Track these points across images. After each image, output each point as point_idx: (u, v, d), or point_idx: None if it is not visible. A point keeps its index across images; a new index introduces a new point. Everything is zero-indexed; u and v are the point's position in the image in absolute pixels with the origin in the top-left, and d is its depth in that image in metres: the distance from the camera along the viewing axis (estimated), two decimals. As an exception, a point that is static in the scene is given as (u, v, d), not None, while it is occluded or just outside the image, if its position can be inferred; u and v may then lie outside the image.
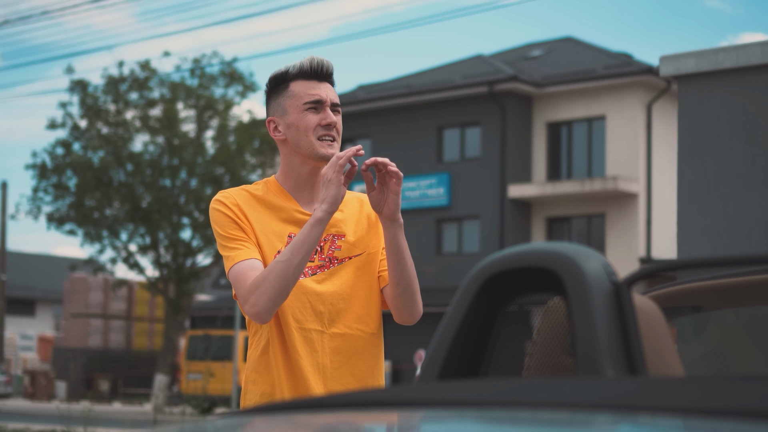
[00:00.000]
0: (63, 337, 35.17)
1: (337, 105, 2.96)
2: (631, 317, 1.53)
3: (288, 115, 2.94)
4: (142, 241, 28.48)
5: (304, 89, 2.94)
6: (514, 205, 29.91)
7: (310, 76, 2.95)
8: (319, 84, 2.95)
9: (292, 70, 2.96)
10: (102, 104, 28.04)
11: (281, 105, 2.96)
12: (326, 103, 2.93)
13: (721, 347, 3.40)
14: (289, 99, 2.94)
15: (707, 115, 5.76)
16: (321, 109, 2.93)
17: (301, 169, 2.95)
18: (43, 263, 55.97)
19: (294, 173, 2.97)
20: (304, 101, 2.92)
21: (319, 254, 2.92)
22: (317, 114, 2.92)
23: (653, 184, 28.91)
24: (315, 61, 2.96)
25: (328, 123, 2.91)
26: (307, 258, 2.79)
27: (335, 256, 2.94)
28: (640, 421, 1.22)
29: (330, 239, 2.95)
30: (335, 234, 2.96)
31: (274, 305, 2.76)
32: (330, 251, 2.94)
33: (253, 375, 2.90)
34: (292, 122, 2.93)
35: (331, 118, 2.92)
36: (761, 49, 5.67)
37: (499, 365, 1.71)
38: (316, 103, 2.92)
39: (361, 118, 32.50)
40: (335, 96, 2.97)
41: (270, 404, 1.55)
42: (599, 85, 29.31)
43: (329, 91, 2.96)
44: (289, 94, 2.95)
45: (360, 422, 1.40)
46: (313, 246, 2.79)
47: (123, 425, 17.80)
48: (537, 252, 1.62)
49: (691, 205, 5.71)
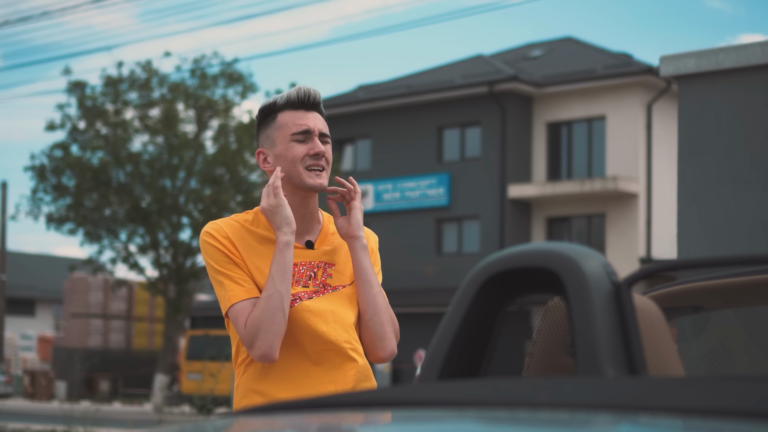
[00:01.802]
0: (63, 337, 35.17)
1: (326, 135, 2.95)
2: (631, 317, 1.53)
3: (276, 146, 2.93)
4: (141, 242, 28.49)
5: (291, 119, 2.93)
6: (514, 205, 29.91)
7: (297, 106, 2.94)
8: (306, 114, 2.94)
9: (279, 101, 2.95)
10: (100, 105, 28.05)
11: (270, 136, 2.96)
12: (314, 132, 2.92)
13: (721, 347, 3.40)
14: (277, 130, 2.94)
15: (707, 115, 5.77)
16: (309, 139, 2.92)
17: (291, 199, 2.94)
18: (43, 263, 55.97)
19: None
20: (291, 131, 2.91)
21: (313, 280, 2.91)
22: (305, 144, 2.91)
23: (653, 184, 28.91)
24: (302, 91, 2.95)
25: (316, 153, 2.90)
26: (289, 282, 2.80)
27: (328, 284, 2.93)
28: (640, 421, 1.22)
29: (322, 266, 2.95)
30: (326, 262, 2.96)
31: (278, 340, 2.76)
32: (323, 278, 2.93)
33: (255, 396, 2.85)
34: (280, 153, 2.92)
35: (319, 147, 2.91)
36: (761, 49, 5.67)
37: (499, 365, 1.71)
38: (303, 133, 2.91)
39: (361, 118, 32.50)
40: (324, 125, 2.97)
41: (270, 404, 1.55)
42: (599, 85, 29.31)
43: (317, 121, 2.95)
44: (276, 125, 2.94)
45: (360, 422, 1.40)
46: (290, 268, 2.81)
47: (123, 425, 17.81)
48: (537, 252, 1.62)
49: (691, 205, 5.71)
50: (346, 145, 33.16)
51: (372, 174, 32.01)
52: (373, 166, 32.19)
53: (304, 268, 2.92)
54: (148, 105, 28.09)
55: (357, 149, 32.94)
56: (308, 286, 2.90)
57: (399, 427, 1.32)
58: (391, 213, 31.29)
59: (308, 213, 2.96)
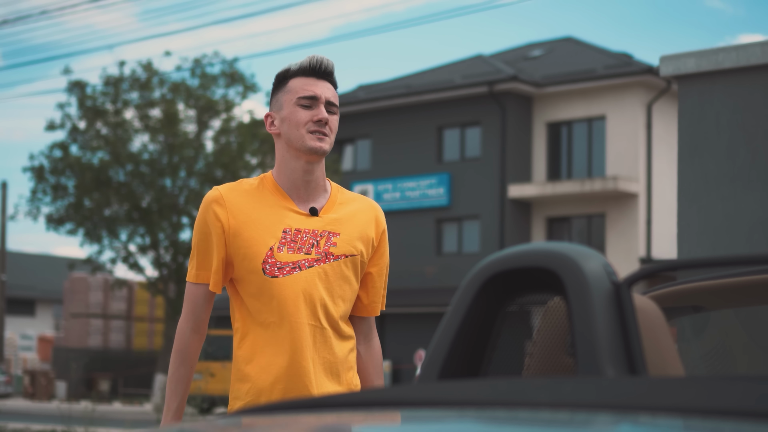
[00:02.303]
0: (63, 337, 35.15)
1: (333, 104, 2.99)
2: (631, 317, 1.53)
3: (283, 109, 2.99)
4: (141, 241, 28.48)
5: (301, 85, 2.97)
6: (514, 205, 29.91)
7: (309, 73, 2.99)
8: (317, 81, 2.98)
9: (293, 67, 3.01)
10: (100, 105, 28.04)
11: (279, 100, 3.01)
12: (320, 100, 2.96)
13: (721, 347, 3.40)
14: (286, 94, 2.99)
15: (707, 115, 5.76)
16: (315, 105, 2.96)
17: (294, 164, 2.97)
18: (43, 263, 55.96)
19: (288, 169, 2.99)
20: (298, 96, 2.96)
21: (315, 248, 2.93)
22: (310, 110, 2.95)
23: (653, 184, 28.91)
24: (315, 59, 2.99)
25: (320, 119, 2.93)
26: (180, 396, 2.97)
27: (331, 252, 2.95)
28: (640, 421, 1.22)
29: (326, 235, 2.96)
30: (331, 231, 2.97)
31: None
32: (326, 246, 2.95)
33: (241, 373, 2.94)
34: (285, 116, 2.97)
35: (323, 114, 2.94)
36: (761, 49, 5.67)
37: (499, 365, 1.71)
38: (310, 98, 2.95)
39: (361, 118, 32.49)
40: (333, 95, 3.00)
41: (270, 404, 1.55)
42: (599, 85, 29.30)
43: (326, 90, 2.99)
44: (286, 90, 3.00)
45: (360, 422, 1.40)
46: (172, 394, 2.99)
47: (123, 425, 17.80)
48: (537, 252, 1.62)
49: (691, 205, 5.71)
50: (346, 145, 33.16)
51: (372, 174, 32.01)
52: (373, 166, 32.19)
53: (307, 235, 2.94)
54: (149, 105, 28.08)
55: (357, 149, 32.94)
56: (310, 253, 2.93)
57: (399, 427, 1.32)
58: (391, 213, 31.27)
59: (313, 180, 2.99)
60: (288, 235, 2.92)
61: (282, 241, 2.91)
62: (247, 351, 2.92)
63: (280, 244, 2.90)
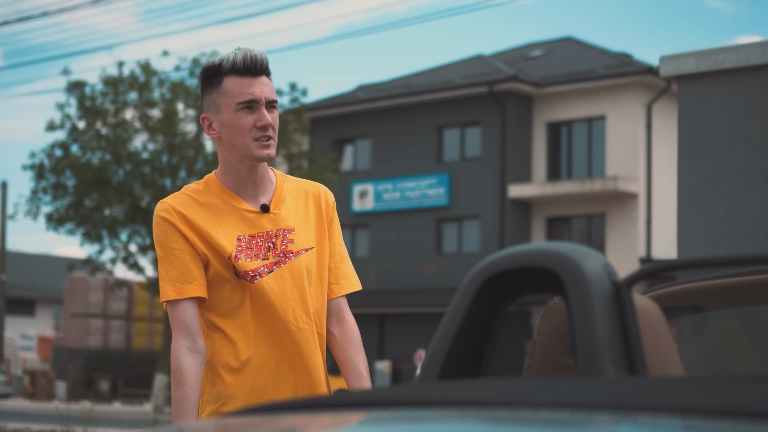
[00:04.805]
0: (63, 337, 35.16)
1: (272, 101, 2.85)
2: (631, 317, 1.53)
3: (221, 113, 2.83)
4: (141, 241, 28.48)
5: (237, 87, 2.81)
6: (514, 205, 29.91)
7: (243, 72, 2.81)
8: (253, 80, 2.82)
9: (225, 64, 2.82)
10: (100, 105, 28.04)
11: (215, 102, 2.85)
12: (261, 102, 2.81)
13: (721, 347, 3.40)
14: (222, 97, 2.82)
15: (707, 115, 5.76)
16: (256, 108, 2.81)
17: (239, 167, 2.87)
18: (43, 263, 55.96)
19: (233, 171, 2.89)
20: (237, 101, 2.80)
21: (273, 251, 2.86)
22: (252, 114, 2.81)
23: (653, 184, 28.91)
24: (248, 57, 2.82)
25: (264, 125, 2.81)
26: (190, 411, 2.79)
27: (289, 250, 2.88)
28: (640, 421, 1.22)
29: (281, 234, 2.88)
30: (285, 228, 2.90)
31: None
32: (283, 245, 2.88)
33: (211, 377, 2.86)
34: (225, 122, 2.83)
35: (266, 119, 2.81)
36: (761, 49, 5.67)
37: (499, 365, 1.71)
38: (250, 102, 2.81)
39: (361, 118, 32.50)
40: (271, 92, 2.85)
41: (270, 404, 1.55)
42: (599, 85, 29.31)
43: (264, 88, 2.83)
44: (222, 92, 2.83)
45: (360, 422, 1.40)
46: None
47: (123, 425, 17.80)
48: (537, 252, 1.62)
49: (691, 205, 5.71)
50: (346, 145, 33.16)
51: (372, 174, 32.01)
52: (373, 166, 32.18)
53: (262, 240, 2.86)
54: (148, 105, 28.08)
55: (357, 149, 32.93)
56: (267, 258, 2.85)
57: (399, 427, 1.32)
58: (391, 213, 31.28)
59: (258, 177, 2.89)
60: (242, 242, 2.84)
61: (238, 249, 2.83)
62: (222, 356, 2.85)
63: (237, 253, 2.82)
